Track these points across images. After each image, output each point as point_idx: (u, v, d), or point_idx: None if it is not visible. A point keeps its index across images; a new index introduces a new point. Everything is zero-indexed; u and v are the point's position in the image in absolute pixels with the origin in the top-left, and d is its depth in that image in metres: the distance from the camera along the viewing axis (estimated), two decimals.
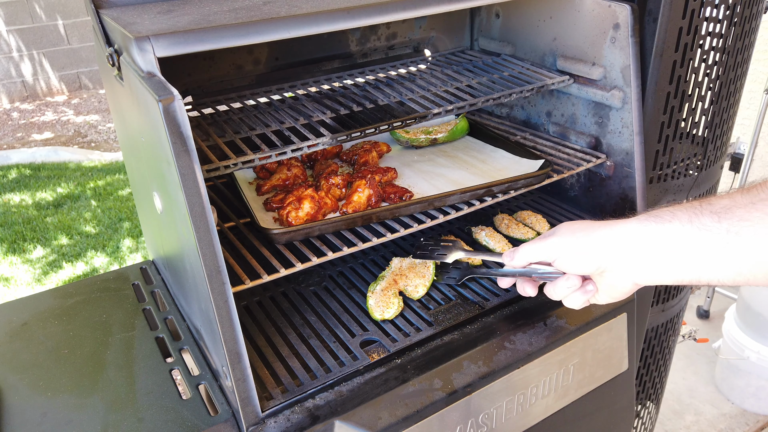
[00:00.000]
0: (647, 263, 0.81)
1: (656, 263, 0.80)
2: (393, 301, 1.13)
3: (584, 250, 0.86)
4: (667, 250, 0.78)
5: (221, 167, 0.97)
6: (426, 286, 1.18)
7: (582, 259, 0.87)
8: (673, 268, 0.78)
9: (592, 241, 0.85)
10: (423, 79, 1.37)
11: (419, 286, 1.18)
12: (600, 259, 0.85)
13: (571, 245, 0.87)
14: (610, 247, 0.84)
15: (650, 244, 0.80)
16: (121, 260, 3.59)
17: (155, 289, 1.22)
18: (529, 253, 0.95)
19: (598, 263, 0.86)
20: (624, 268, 0.84)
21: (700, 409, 2.55)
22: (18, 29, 5.99)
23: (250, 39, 0.83)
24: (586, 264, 0.87)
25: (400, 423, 0.95)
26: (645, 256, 0.81)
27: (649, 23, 1.16)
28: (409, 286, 1.18)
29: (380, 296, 1.15)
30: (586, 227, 0.87)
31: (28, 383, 0.99)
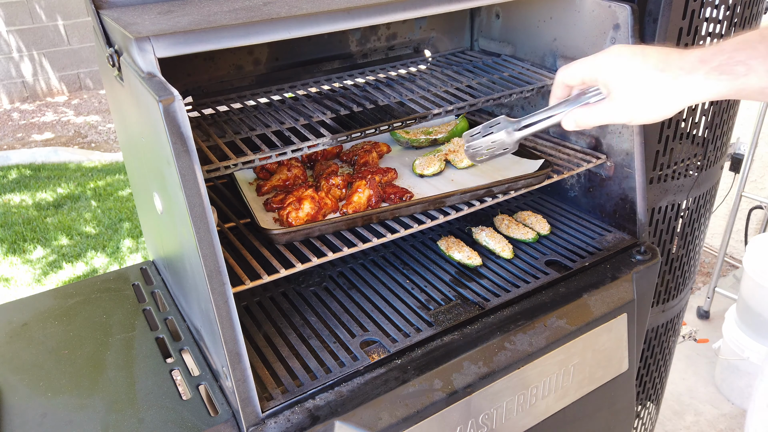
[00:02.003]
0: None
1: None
2: (435, 162, 1.32)
3: (658, 111, 0.82)
4: (739, 96, 0.76)
5: (221, 168, 0.97)
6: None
7: (655, 117, 0.83)
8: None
9: (665, 103, 0.80)
10: (423, 80, 1.37)
11: (466, 159, 1.33)
12: (673, 113, 0.82)
13: (645, 105, 0.82)
14: (684, 103, 0.80)
15: (723, 95, 0.77)
16: (121, 261, 3.59)
17: (155, 290, 1.22)
18: (599, 119, 0.87)
19: (671, 115, 0.83)
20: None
21: (700, 410, 2.54)
22: (18, 29, 5.99)
23: (251, 39, 0.83)
24: (660, 118, 0.83)
25: (401, 423, 0.95)
26: (716, 98, 0.79)
27: (649, 24, 1.16)
28: (457, 158, 1.35)
29: (426, 159, 1.35)
30: (649, 83, 0.80)
31: (28, 384, 0.99)
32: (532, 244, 1.33)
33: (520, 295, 1.16)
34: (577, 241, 1.33)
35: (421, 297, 1.18)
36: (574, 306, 1.16)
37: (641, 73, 0.79)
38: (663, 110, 0.81)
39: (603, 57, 0.84)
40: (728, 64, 0.73)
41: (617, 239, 1.32)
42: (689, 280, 1.63)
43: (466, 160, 1.34)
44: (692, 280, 1.66)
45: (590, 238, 1.33)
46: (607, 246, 1.30)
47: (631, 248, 1.29)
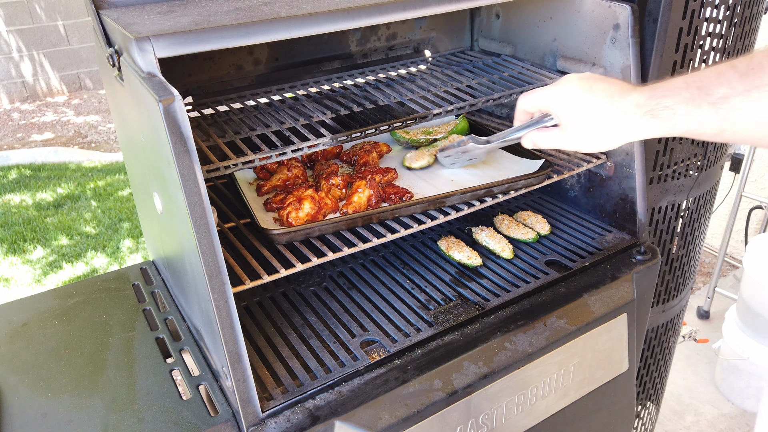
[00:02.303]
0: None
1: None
2: (425, 157, 1.36)
3: (601, 142, 0.92)
4: (668, 134, 0.85)
5: (221, 168, 0.97)
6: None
7: (600, 147, 0.93)
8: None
9: (607, 134, 0.90)
10: (423, 80, 1.37)
11: None
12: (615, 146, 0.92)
13: (590, 138, 0.92)
14: (623, 137, 0.90)
15: (655, 134, 0.86)
16: (121, 261, 3.59)
17: (155, 290, 1.22)
18: (551, 144, 0.99)
19: (613, 148, 0.95)
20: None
21: (700, 410, 2.54)
22: (18, 29, 5.99)
23: (251, 39, 0.83)
24: (604, 149, 0.93)
25: (401, 423, 0.95)
26: (650, 137, 0.88)
27: (649, 24, 1.16)
28: None
29: (417, 153, 1.39)
30: (594, 115, 0.89)
31: (28, 384, 0.99)
32: (532, 244, 1.33)
33: (520, 295, 1.16)
34: (577, 241, 1.33)
35: (421, 297, 1.18)
36: (574, 306, 1.16)
37: (587, 110, 0.90)
38: (606, 144, 0.91)
39: (556, 89, 0.93)
40: (656, 109, 0.83)
41: (617, 239, 1.32)
42: (689, 280, 1.63)
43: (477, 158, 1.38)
44: (692, 280, 1.66)
45: (590, 238, 1.33)
46: (607, 246, 1.30)
47: (631, 248, 1.29)
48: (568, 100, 0.91)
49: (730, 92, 0.76)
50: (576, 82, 0.91)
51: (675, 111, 0.81)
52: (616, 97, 0.87)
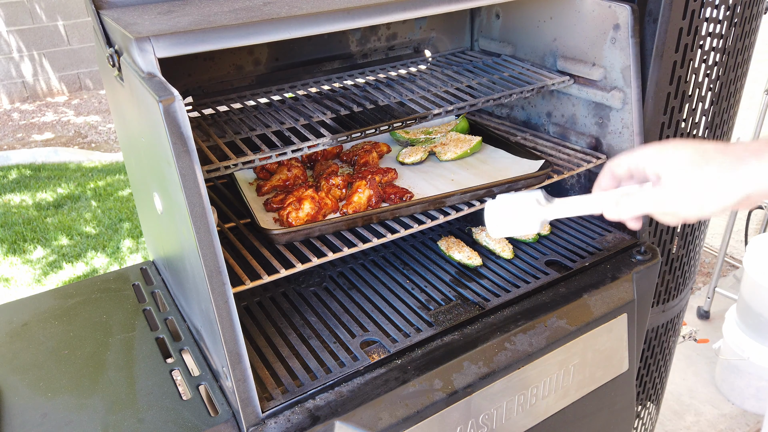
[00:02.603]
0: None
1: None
2: (419, 153, 1.36)
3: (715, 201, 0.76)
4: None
5: (221, 168, 0.97)
6: (457, 154, 1.34)
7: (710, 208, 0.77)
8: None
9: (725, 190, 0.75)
10: (423, 80, 1.37)
11: (449, 152, 1.36)
12: (731, 205, 0.77)
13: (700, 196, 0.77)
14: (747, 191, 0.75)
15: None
16: (122, 261, 3.59)
17: (155, 290, 1.22)
18: (644, 206, 0.82)
19: (728, 209, 0.77)
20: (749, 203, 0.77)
21: (700, 410, 2.54)
22: (18, 30, 5.99)
23: (251, 39, 0.83)
24: (714, 212, 0.78)
25: (401, 423, 0.95)
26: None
27: (649, 24, 1.16)
28: (442, 150, 1.38)
29: (412, 149, 1.39)
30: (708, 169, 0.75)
31: (28, 384, 0.99)
32: (533, 244, 1.33)
33: (520, 295, 1.16)
34: (578, 241, 1.33)
35: (421, 297, 1.18)
36: (574, 306, 1.16)
37: (696, 155, 0.76)
38: (718, 197, 0.76)
39: (656, 146, 0.80)
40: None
41: (617, 239, 1.32)
42: (689, 280, 1.63)
43: (449, 154, 1.37)
44: (692, 280, 1.66)
45: (590, 238, 1.33)
46: (607, 246, 1.30)
47: (632, 248, 1.29)
48: (670, 152, 0.78)
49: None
50: (680, 140, 0.78)
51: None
52: (733, 145, 0.75)
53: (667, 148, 0.79)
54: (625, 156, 0.83)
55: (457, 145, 1.39)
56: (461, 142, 1.40)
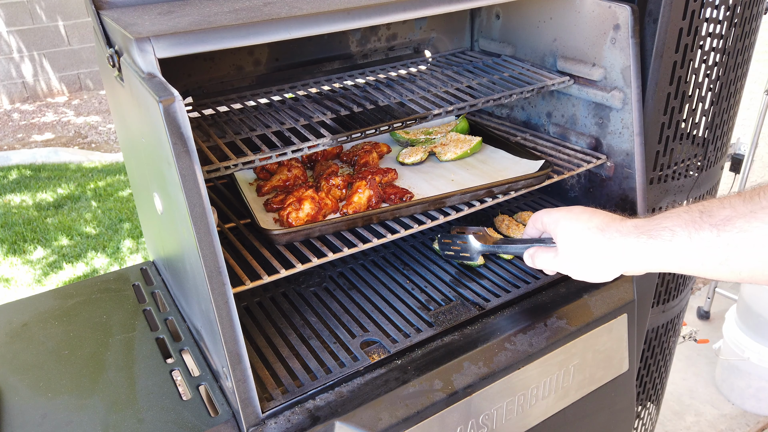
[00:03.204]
0: (658, 269, 0.87)
1: (666, 269, 0.85)
2: (419, 154, 1.37)
3: (597, 270, 0.92)
4: (668, 266, 0.82)
5: (221, 168, 0.97)
6: (457, 155, 1.35)
7: (596, 276, 0.94)
8: (683, 271, 0.83)
9: (603, 262, 0.90)
10: (423, 80, 1.37)
11: (449, 152, 1.37)
12: (613, 275, 0.92)
13: (584, 265, 0.93)
14: (620, 265, 0.89)
15: (658, 261, 0.83)
16: (122, 261, 3.59)
17: (155, 290, 1.22)
18: (547, 265, 1.01)
19: (612, 277, 0.93)
20: (638, 272, 0.94)
21: (700, 410, 2.54)
22: (18, 30, 6.00)
23: (251, 40, 0.83)
24: (602, 279, 0.94)
25: (401, 424, 0.95)
26: (655, 267, 0.85)
27: (649, 24, 1.16)
28: (442, 151, 1.38)
29: (412, 149, 1.41)
30: (588, 243, 0.91)
31: (28, 384, 0.99)
32: None
33: (521, 295, 1.16)
34: None
35: (421, 297, 1.18)
36: (575, 306, 1.16)
37: (581, 232, 0.91)
38: (601, 274, 0.91)
39: (559, 213, 0.96)
40: (655, 230, 0.81)
41: None
42: (689, 280, 1.63)
43: (450, 154, 1.38)
44: (692, 281, 1.66)
45: None
46: None
47: None
48: (565, 223, 0.93)
49: (734, 214, 0.72)
50: (580, 210, 0.94)
51: (674, 232, 0.78)
52: (615, 222, 0.88)
53: (562, 220, 0.94)
54: (539, 214, 1.01)
55: (457, 146, 1.39)
56: (461, 143, 1.40)
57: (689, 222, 0.77)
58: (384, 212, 1.12)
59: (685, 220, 0.77)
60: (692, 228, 0.77)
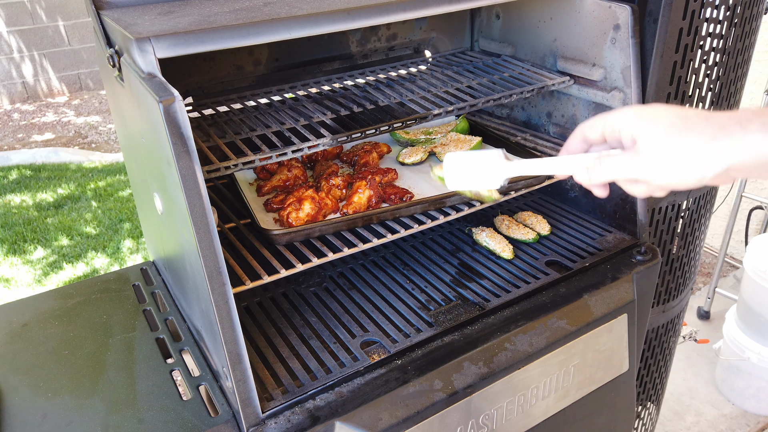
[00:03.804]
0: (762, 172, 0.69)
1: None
2: (419, 154, 1.37)
3: (695, 169, 0.70)
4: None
5: (222, 168, 0.97)
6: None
7: (689, 178, 0.71)
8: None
9: (706, 159, 0.69)
10: (423, 80, 1.37)
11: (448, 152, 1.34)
12: (711, 177, 0.70)
13: (678, 163, 0.71)
14: (729, 163, 0.69)
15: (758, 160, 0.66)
16: (122, 261, 3.59)
17: (156, 290, 1.22)
18: (617, 171, 0.76)
19: (707, 181, 0.72)
20: (734, 179, 0.72)
21: (700, 410, 2.54)
22: (19, 30, 5.99)
23: (251, 40, 0.83)
24: (692, 183, 0.72)
25: (401, 424, 0.95)
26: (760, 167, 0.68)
27: (649, 24, 1.16)
28: (442, 151, 1.37)
29: (413, 149, 1.40)
30: (689, 136, 0.69)
31: (28, 384, 0.99)
32: (533, 244, 1.33)
33: (521, 295, 1.16)
34: (578, 241, 1.32)
35: (421, 297, 1.18)
36: (575, 306, 1.16)
37: (677, 120, 0.70)
38: (697, 167, 0.70)
39: (634, 108, 0.74)
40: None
41: (617, 239, 1.32)
42: (689, 280, 1.63)
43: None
44: (692, 281, 1.66)
45: (590, 239, 1.33)
46: (607, 246, 1.30)
47: (632, 248, 1.29)
48: (649, 114, 0.72)
49: None
50: (663, 105, 0.73)
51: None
52: (717, 113, 0.69)
53: (647, 111, 0.73)
54: (600, 118, 0.77)
55: (457, 146, 1.39)
56: (461, 143, 1.40)
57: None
58: (384, 212, 1.12)
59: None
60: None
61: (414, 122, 1.15)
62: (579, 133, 0.80)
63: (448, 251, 1.33)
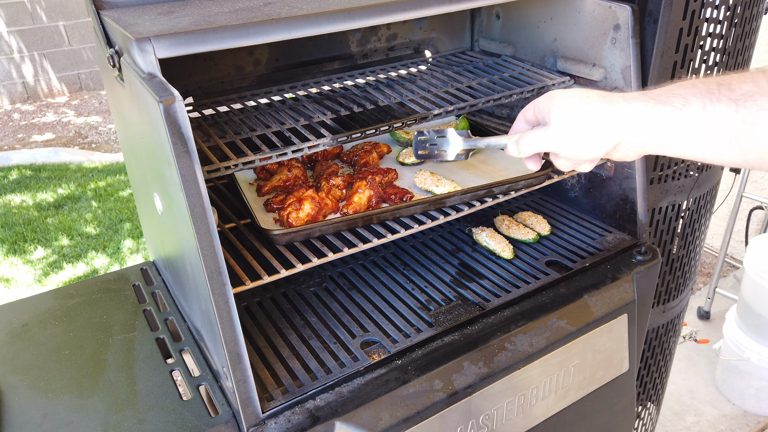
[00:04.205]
0: (655, 146, 0.78)
1: (664, 146, 0.77)
2: None
3: (592, 140, 0.81)
4: (678, 136, 0.74)
5: (222, 168, 0.97)
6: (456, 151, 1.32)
7: (589, 148, 0.82)
8: (680, 151, 0.76)
9: (599, 130, 0.80)
10: (423, 80, 1.37)
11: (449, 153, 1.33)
12: (607, 148, 0.81)
13: (578, 135, 0.82)
14: (618, 133, 0.79)
15: (661, 131, 0.75)
16: (122, 261, 3.59)
17: (156, 290, 1.22)
18: (534, 145, 0.88)
19: (605, 151, 0.82)
20: (630, 152, 0.82)
21: (700, 410, 2.54)
22: (19, 30, 6.00)
23: (251, 40, 0.83)
24: (594, 153, 0.83)
25: (401, 424, 0.95)
26: (654, 141, 0.77)
27: (649, 24, 1.16)
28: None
29: (411, 150, 1.37)
30: (586, 110, 0.80)
31: (28, 384, 0.99)
32: (533, 244, 1.33)
33: (521, 295, 1.16)
34: (578, 241, 1.32)
35: (421, 297, 1.18)
36: (575, 306, 1.16)
37: (580, 99, 0.81)
38: (594, 139, 0.80)
39: (551, 92, 0.86)
40: (666, 96, 0.74)
41: (618, 240, 1.32)
42: (690, 280, 1.63)
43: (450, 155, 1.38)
44: (693, 281, 1.66)
45: (591, 239, 1.33)
46: (607, 246, 1.30)
47: (632, 249, 1.29)
48: (559, 97, 0.83)
49: (756, 90, 0.66)
50: (577, 88, 0.85)
51: (687, 100, 0.71)
52: (617, 94, 0.80)
53: (560, 93, 0.84)
54: (533, 102, 0.89)
55: None
56: None
57: (705, 92, 0.70)
58: (384, 212, 1.12)
59: (701, 90, 0.71)
60: (708, 99, 0.70)
61: (414, 122, 1.15)
62: (521, 115, 0.93)
63: (448, 251, 1.33)
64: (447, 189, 1.23)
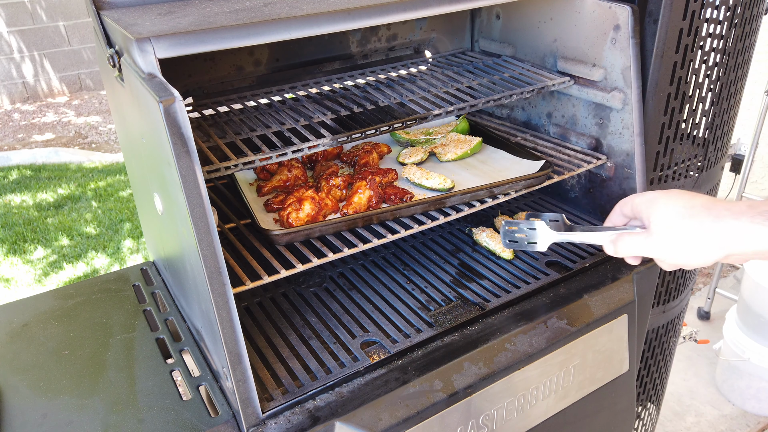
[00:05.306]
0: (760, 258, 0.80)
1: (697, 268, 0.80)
2: (420, 154, 1.38)
3: (698, 254, 0.82)
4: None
5: (222, 168, 0.97)
6: (457, 155, 1.36)
7: (695, 261, 0.83)
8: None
9: (706, 246, 0.81)
10: (423, 81, 1.37)
11: (450, 153, 1.38)
12: (715, 259, 0.82)
13: (683, 248, 0.83)
14: (727, 249, 0.80)
15: (756, 252, 0.77)
16: (122, 261, 3.59)
17: (156, 290, 1.22)
18: (634, 249, 0.90)
19: (713, 262, 0.83)
20: (739, 260, 0.83)
21: (700, 411, 2.54)
22: (19, 30, 6.00)
23: (251, 40, 0.83)
24: (700, 264, 0.84)
25: (401, 424, 0.95)
26: (756, 255, 0.79)
27: (649, 24, 1.16)
28: (442, 151, 1.39)
29: (413, 149, 1.41)
30: (691, 225, 0.81)
31: (28, 384, 0.99)
32: None
33: (521, 295, 1.16)
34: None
35: (421, 297, 1.18)
36: (575, 307, 1.16)
37: (684, 210, 0.81)
38: (701, 253, 0.81)
39: (650, 195, 0.86)
40: None
41: None
42: (690, 280, 1.63)
43: (450, 155, 1.38)
44: (693, 281, 1.66)
45: None
46: None
47: None
48: (662, 201, 0.84)
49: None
50: (679, 191, 0.85)
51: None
52: (722, 202, 0.80)
53: (658, 198, 0.86)
54: (629, 197, 0.91)
55: (457, 146, 1.39)
56: (461, 143, 1.40)
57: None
58: (384, 212, 1.12)
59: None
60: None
61: (414, 122, 1.15)
62: (617, 208, 0.95)
63: (448, 251, 1.33)
64: (437, 182, 1.24)
